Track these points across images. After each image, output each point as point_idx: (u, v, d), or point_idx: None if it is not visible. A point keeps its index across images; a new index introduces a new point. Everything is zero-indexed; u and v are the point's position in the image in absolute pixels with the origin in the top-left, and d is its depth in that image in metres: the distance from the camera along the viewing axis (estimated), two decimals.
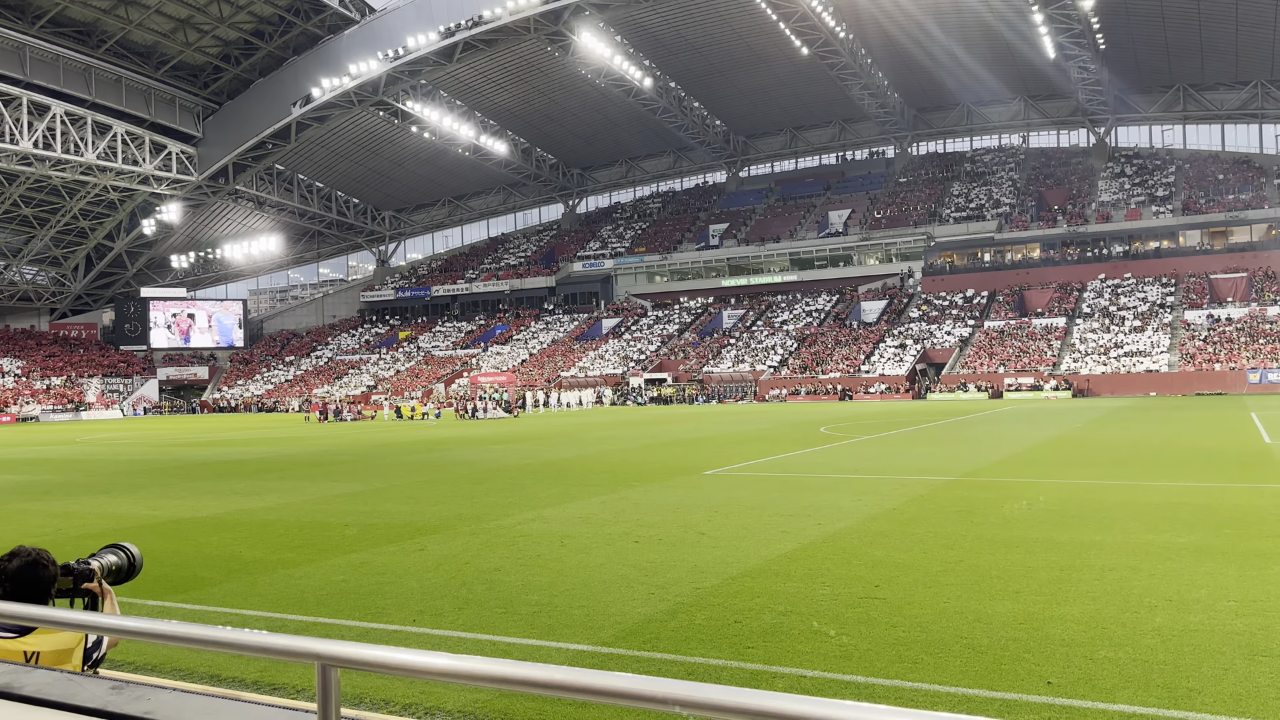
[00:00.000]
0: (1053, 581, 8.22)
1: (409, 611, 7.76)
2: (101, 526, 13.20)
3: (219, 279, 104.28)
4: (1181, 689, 5.50)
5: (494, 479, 18.26)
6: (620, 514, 12.91)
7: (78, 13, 62.88)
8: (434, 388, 78.51)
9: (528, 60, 73.25)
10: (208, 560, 10.42)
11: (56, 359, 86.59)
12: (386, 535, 11.63)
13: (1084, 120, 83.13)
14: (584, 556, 9.91)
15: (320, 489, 17.28)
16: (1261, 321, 61.87)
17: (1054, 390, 59.18)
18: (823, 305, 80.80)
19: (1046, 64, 71.24)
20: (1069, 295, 71.83)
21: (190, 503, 15.69)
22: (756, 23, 67.64)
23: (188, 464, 24.32)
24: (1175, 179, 77.81)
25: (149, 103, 72.18)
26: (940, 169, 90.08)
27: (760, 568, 9.08)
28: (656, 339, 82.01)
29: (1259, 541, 9.84)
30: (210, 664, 6.36)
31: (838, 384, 66.40)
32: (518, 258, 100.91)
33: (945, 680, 5.75)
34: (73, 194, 77.42)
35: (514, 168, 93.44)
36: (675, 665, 6.24)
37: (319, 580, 9.10)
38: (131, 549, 3.57)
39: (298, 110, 73.03)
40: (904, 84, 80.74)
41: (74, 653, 3.16)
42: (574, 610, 7.65)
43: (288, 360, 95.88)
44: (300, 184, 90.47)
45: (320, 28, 69.40)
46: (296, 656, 1.92)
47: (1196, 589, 7.80)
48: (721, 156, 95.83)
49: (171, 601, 8.40)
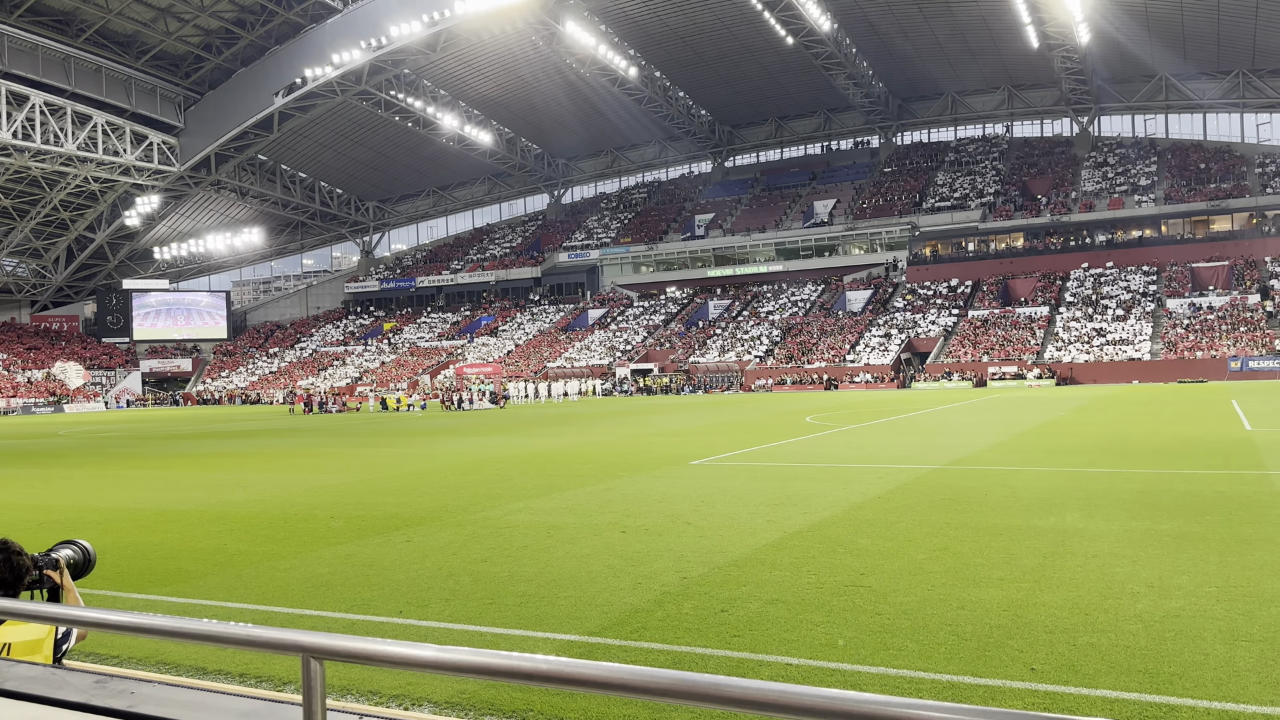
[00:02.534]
0: (1036, 568, 8.28)
1: (395, 603, 7.75)
2: (85, 520, 13.12)
3: (202, 270, 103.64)
4: (1163, 674, 5.55)
5: (480, 470, 18.24)
6: (607, 504, 12.92)
7: (56, 1, 62.20)
8: (419, 379, 78.31)
9: (512, 49, 72.93)
10: (193, 553, 10.38)
11: (38, 352, 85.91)
12: (372, 527, 11.61)
13: (1067, 110, 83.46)
14: (570, 547, 9.92)
15: (306, 481, 17.23)
16: (1242, 309, 62.38)
17: (1038, 379, 59.54)
18: (808, 295, 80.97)
19: (1030, 54, 71.47)
20: (1052, 284, 72.22)
21: (174, 495, 15.62)
22: (741, 12, 67.56)
23: (171, 456, 24.20)
24: (1158, 168, 78.25)
25: (129, 93, 71.51)
26: (925, 159, 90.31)
27: (746, 557, 9.11)
28: (643, 329, 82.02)
29: (1240, 528, 9.94)
30: (195, 657, 6.34)
31: (823, 373, 66.61)
32: (503, 248, 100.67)
33: (930, 667, 5.79)
34: (53, 185, 76.69)
35: (499, 158, 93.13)
36: (662, 654, 6.26)
37: (305, 572, 9.07)
38: (85, 545, 3.56)
39: (280, 100, 72.52)
40: (889, 74, 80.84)
41: (44, 644, 3.15)
42: (560, 600, 7.66)
43: (272, 352, 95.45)
44: (283, 174, 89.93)
45: (303, 16, 68.88)
46: (281, 649, 1.92)
47: (1178, 575, 7.87)
48: (707, 146, 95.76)
49: (156, 594, 8.37)
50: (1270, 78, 72.72)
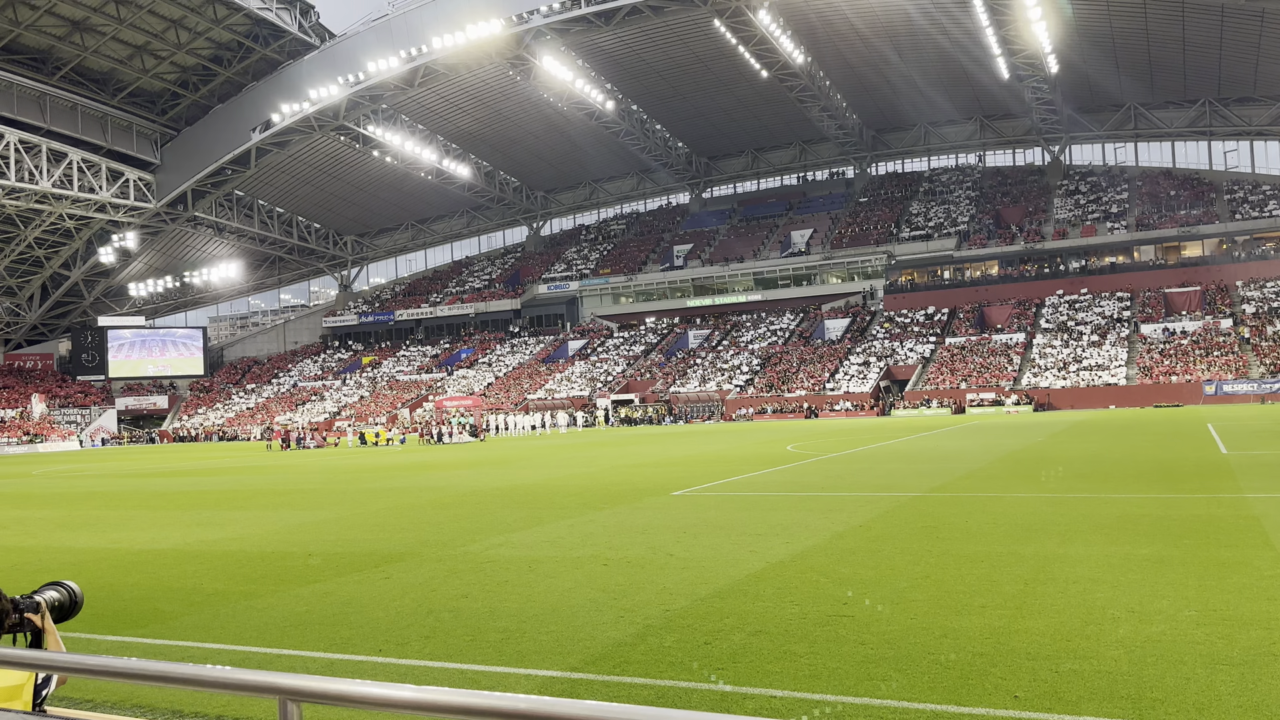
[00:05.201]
0: (1017, 595, 8.30)
1: (374, 641, 7.66)
2: (59, 561, 12.91)
3: (178, 306, 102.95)
4: (1146, 700, 5.56)
5: (460, 504, 18.11)
6: (588, 537, 12.86)
7: (31, 40, 62.16)
8: (399, 413, 77.88)
9: (489, 84, 73.40)
10: (169, 593, 10.23)
11: (11, 390, 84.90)
12: (351, 564, 11.49)
13: (1039, 140, 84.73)
14: (552, 581, 9.85)
15: (283, 518, 17.05)
16: (1215, 334, 63.17)
17: (1015, 405, 59.93)
18: (787, 324, 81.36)
19: (1001, 86, 72.66)
20: (1028, 311, 72.92)
21: (150, 534, 15.41)
22: (716, 46, 68.34)
23: (148, 495, 23.90)
24: (1128, 196, 79.46)
25: (105, 130, 71.35)
26: (899, 189, 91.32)
27: (729, 588, 9.08)
28: (623, 360, 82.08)
29: (1218, 551, 10.00)
30: (171, 700, 6.24)
31: (803, 402, 66.79)
32: (482, 280, 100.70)
33: (914, 697, 5.78)
34: (27, 222, 76.18)
35: (477, 191, 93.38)
36: (645, 689, 6.21)
37: (282, 611, 8.96)
38: (72, 586, 3.50)
39: (257, 136, 72.54)
40: (862, 106, 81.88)
41: (24, 689, 3.09)
42: (542, 636, 7.60)
43: (249, 388, 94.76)
44: (261, 210, 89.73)
45: (280, 53, 69.07)
46: (259, 691, 1.90)
47: (1158, 600, 7.91)
48: (684, 178, 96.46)
49: (131, 636, 8.24)
50: (1236, 106, 74.18)
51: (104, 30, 62.45)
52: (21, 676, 3.10)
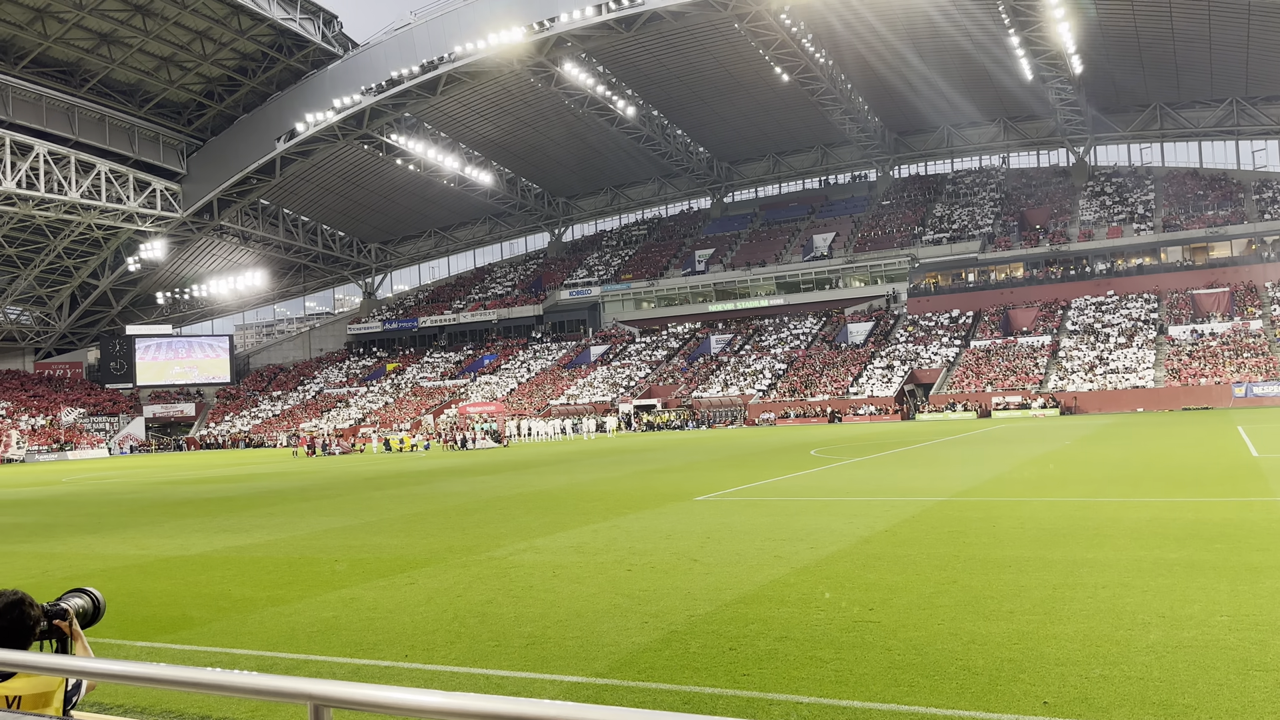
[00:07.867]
0: (1046, 600, 8.22)
1: (401, 647, 7.69)
2: (89, 568, 13.06)
3: (205, 315, 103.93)
4: (1177, 706, 5.49)
5: (484, 510, 18.17)
6: (612, 542, 12.86)
7: (60, 53, 63.04)
8: (423, 419, 78.23)
9: (511, 91, 73.69)
10: (197, 599, 10.32)
11: (41, 399, 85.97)
12: (377, 570, 11.55)
13: (1063, 141, 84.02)
14: (576, 586, 9.86)
15: (310, 524, 17.16)
16: (1245, 335, 62.35)
17: (1042, 408, 59.38)
18: (810, 328, 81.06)
19: (1024, 87, 72.13)
20: (1053, 314, 72.28)
21: (178, 541, 15.55)
22: (737, 51, 68.32)
23: (175, 501, 24.13)
24: (1155, 197, 78.61)
25: (133, 141, 72.21)
26: (922, 191, 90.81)
27: (754, 593, 9.05)
28: (645, 365, 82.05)
29: (1250, 555, 9.87)
30: (201, 705, 6.29)
31: (827, 406, 66.49)
32: (504, 287, 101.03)
33: (941, 703, 5.73)
34: (56, 233, 77.19)
35: (499, 198, 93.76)
36: (671, 695, 6.20)
37: (309, 617, 9.02)
38: (95, 593, 3.54)
39: (282, 145, 73.17)
40: (884, 108, 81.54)
41: (55, 695, 3.13)
42: (567, 641, 7.60)
43: (274, 395, 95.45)
44: (285, 218, 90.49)
45: (304, 63, 69.68)
46: (289, 697, 1.91)
47: (1189, 605, 7.81)
48: (706, 183, 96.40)
49: (160, 642, 8.31)
50: (1264, 105, 73.30)
51: (131, 43, 63.25)
52: (53, 683, 3.14)
